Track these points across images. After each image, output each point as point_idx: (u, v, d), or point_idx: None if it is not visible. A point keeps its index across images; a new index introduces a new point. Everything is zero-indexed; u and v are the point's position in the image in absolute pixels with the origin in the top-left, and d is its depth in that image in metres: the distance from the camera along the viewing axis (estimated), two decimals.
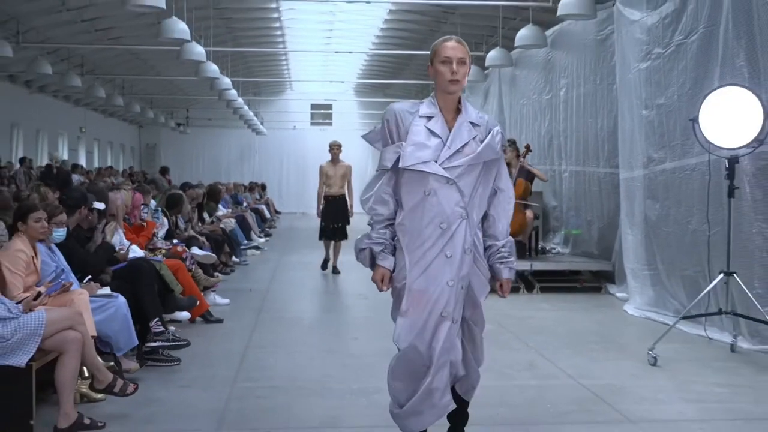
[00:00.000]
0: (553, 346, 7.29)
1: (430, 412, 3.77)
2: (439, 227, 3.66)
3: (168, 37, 13.52)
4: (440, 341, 3.69)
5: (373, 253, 3.83)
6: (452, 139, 3.69)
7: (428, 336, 3.70)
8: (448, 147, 3.68)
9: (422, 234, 3.69)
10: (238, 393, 5.76)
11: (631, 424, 5.07)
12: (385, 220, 3.83)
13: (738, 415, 5.29)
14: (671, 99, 8.56)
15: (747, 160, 7.03)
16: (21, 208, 5.71)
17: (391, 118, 3.79)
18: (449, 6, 17.32)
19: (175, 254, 8.73)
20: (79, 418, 4.82)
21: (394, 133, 3.76)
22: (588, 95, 11.54)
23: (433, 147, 3.67)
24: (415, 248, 3.72)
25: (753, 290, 6.82)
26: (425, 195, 3.67)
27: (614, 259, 10.40)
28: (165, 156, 35.18)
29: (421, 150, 3.66)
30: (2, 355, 4.71)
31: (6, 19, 17.02)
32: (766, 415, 5.30)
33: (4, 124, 22.38)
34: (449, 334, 3.70)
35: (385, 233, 3.82)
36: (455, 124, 3.73)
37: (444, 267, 3.67)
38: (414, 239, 3.72)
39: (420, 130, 3.70)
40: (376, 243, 3.82)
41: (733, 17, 7.46)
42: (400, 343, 3.76)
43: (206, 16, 18.63)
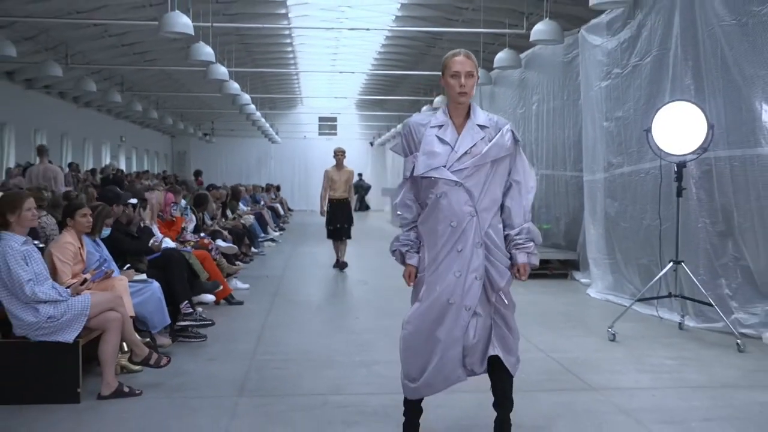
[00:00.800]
0: (527, 325, 7.25)
1: (442, 384, 3.71)
2: (450, 225, 3.57)
3: (196, 60, 13.51)
4: (446, 324, 3.61)
5: (402, 253, 3.76)
6: (459, 144, 3.58)
7: (434, 318, 3.62)
8: (455, 151, 3.57)
9: (437, 232, 3.61)
10: (257, 365, 5.76)
11: (594, 392, 5.07)
12: (410, 223, 3.75)
13: (685, 384, 5.30)
14: (628, 112, 8.55)
15: (693, 165, 7.02)
16: (69, 206, 5.71)
17: (406, 132, 3.71)
18: (437, 33, 17.31)
19: (202, 246, 8.74)
20: (120, 386, 4.83)
21: (411, 144, 3.67)
22: (556, 109, 11.53)
23: (442, 153, 3.57)
24: (432, 245, 3.64)
25: (698, 276, 6.82)
26: (437, 197, 3.58)
27: (579, 249, 10.40)
28: (193, 162, 35.17)
29: (431, 158, 3.58)
30: (53, 332, 4.72)
31: (56, 44, 17.02)
32: (709, 383, 5.31)
33: (55, 134, 22.36)
34: (458, 319, 3.61)
35: (410, 235, 3.74)
36: (464, 129, 3.62)
37: (454, 260, 3.59)
38: (431, 237, 3.65)
39: (431, 140, 3.61)
40: (403, 244, 3.75)
41: (681, 42, 7.46)
42: (408, 325, 3.68)
43: (229, 41, 18.64)
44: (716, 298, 6.69)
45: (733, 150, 6.79)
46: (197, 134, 34.75)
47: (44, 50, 16.63)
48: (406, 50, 21.41)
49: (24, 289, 4.62)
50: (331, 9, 17.71)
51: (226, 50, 18.47)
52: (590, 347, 6.37)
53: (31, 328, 4.69)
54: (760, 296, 6.62)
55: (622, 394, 4.98)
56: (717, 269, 7.01)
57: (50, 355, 4.71)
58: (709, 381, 5.35)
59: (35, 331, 4.70)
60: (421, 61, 21.68)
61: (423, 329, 3.65)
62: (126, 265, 6.27)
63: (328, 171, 11.58)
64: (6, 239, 4.72)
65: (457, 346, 3.65)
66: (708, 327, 6.93)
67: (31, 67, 17.58)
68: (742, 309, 6.73)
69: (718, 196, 7.02)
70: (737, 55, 6.61)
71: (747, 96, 6.54)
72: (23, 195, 4.98)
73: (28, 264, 4.72)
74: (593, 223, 9.50)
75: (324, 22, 18.15)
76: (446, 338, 3.63)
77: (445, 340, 3.63)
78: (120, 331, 4.92)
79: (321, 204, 11.67)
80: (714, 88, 6.97)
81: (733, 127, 6.76)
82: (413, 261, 3.73)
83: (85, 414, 4.51)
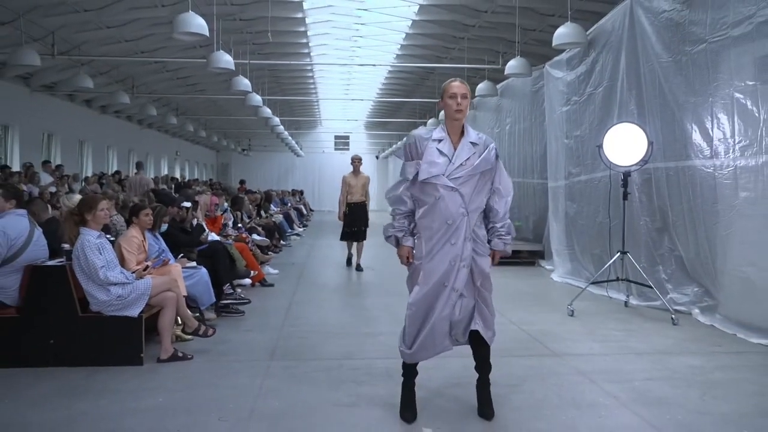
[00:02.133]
0: (502, 303, 7.23)
1: (432, 350, 3.69)
2: (446, 223, 3.57)
3: (236, 90, 13.56)
4: (441, 301, 3.61)
5: (397, 237, 3.74)
6: (456, 157, 3.57)
7: (432, 298, 3.62)
8: (452, 163, 3.56)
9: (434, 228, 3.60)
10: (285, 334, 5.75)
11: (557, 357, 5.05)
12: (406, 212, 3.72)
13: (630, 351, 5.27)
14: (584, 131, 8.53)
15: (636, 174, 7.00)
16: (135, 207, 5.71)
17: (412, 141, 3.67)
18: (430, 68, 17.29)
19: (241, 239, 8.73)
20: (175, 352, 4.84)
21: (414, 152, 3.63)
22: (526, 129, 11.51)
23: (441, 163, 3.56)
24: (428, 238, 3.62)
25: (640, 264, 6.80)
26: (436, 199, 3.57)
27: (544, 242, 10.38)
28: (234, 172, 35.24)
29: (432, 167, 3.55)
30: (121, 308, 4.71)
31: (125, 78, 17.09)
32: (649, 350, 5.28)
33: (124, 150, 22.42)
34: (449, 298, 3.61)
35: (404, 222, 3.72)
36: (459, 145, 3.61)
37: (449, 251, 3.58)
38: (428, 231, 3.62)
39: (432, 151, 3.58)
40: (398, 230, 3.72)
41: (627, 76, 7.44)
42: (412, 306, 3.66)
43: (262, 75, 18.67)
44: (655, 282, 6.67)
45: (668, 162, 6.76)
46: (237, 149, 34.77)
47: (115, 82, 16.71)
48: (404, 82, 21.42)
49: (98, 273, 4.62)
50: (345, 49, 17.76)
51: (260, 82, 18.51)
52: (553, 321, 6.35)
53: (104, 305, 4.69)
54: (690, 280, 6.60)
55: (579, 359, 4.97)
56: (655, 258, 6.98)
57: (119, 327, 4.70)
58: (650, 348, 5.33)
59: (107, 307, 4.69)
60: (417, 90, 21.68)
61: (422, 307, 3.64)
62: (180, 255, 6.27)
63: (346, 177, 10.09)
64: (84, 233, 4.72)
65: (445, 322, 3.64)
66: (648, 305, 6.90)
67: (105, 96, 17.67)
68: (675, 290, 6.70)
69: (656, 199, 6.99)
70: (672, 86, 6.59)
71: (680, 119, 6.52)
72: (98, 198, 4.98)
73: (102, 253, 4.72)
74: (556, 221, 9.47)
75: (339, 59, 18.19)
76: (438, 315, 3.61)
77: (437, 316, 3.62)
78: (175, 308, 4.92)
79: (339, 209, 10.14)
80: (653, 112, 6.95)
81: (669, 143, 6.74)
82: (409, 243, 3.71)
83: (148, 374, 4.50)
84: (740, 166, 5.75)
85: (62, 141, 17.65)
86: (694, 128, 6.30)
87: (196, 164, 32.43)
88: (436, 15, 13.60)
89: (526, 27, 12.42)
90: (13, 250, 4.64)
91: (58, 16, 11.87)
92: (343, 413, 3.80)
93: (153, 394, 4.10)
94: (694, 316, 6.36)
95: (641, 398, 4.07)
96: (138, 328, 4.72)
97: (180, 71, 17.82)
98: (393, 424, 3.67)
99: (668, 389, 4.25)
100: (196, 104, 23.35)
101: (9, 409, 3.84)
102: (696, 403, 3.99)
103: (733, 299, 5.88)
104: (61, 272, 4.69)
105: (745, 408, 3.93)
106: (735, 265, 5.81)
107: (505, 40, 13.41)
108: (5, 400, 3.97)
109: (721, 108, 5.96)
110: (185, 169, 30.34)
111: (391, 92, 23.01)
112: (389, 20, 14.81)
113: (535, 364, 4.82)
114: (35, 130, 16.41)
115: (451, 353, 3.84)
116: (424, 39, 15.45)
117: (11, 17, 11.36)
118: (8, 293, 4.67)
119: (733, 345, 5.41)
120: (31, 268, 4.68)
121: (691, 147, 6.34)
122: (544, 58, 10.63)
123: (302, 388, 4.22)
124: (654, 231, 7.04)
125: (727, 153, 5.92)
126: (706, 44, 6.07)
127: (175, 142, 28.03)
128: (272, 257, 10.33)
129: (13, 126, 15.37)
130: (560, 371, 4.65)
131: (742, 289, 5.72)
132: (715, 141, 6.06)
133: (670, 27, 6.62)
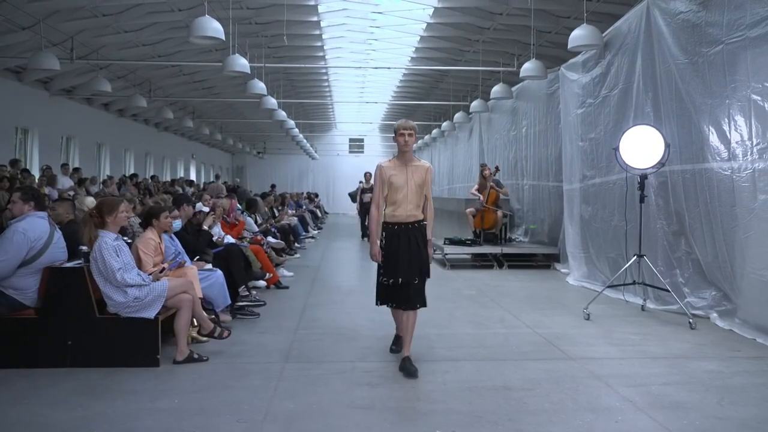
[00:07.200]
0: (517, 306, 7.25)
1: None
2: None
3: (252, 93, 13.62)
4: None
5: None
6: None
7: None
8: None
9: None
10: (299, 337, 5.76)
11: (572, 361, 5.01)
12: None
13: (646, 355, 5.22)
14: (599, 134, 8.48)
15: (653, 177, 6.94)
16: (153, 209, 5.75)
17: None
18: (444, 70, 17.31)
19: (256, 241, 8.76)
20: (191, 353, 4.86)
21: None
22: (541, 132, 11.45)
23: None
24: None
25: (657, 267, 6.74)
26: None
27: (559, 245, 10.31)
28: (249, 175, 35.40)
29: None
30: (138, 310, 4.75)
31: (142, 81, 17.26)
32: (666, 354, 5.23)
33: (141, 153, 22.64)
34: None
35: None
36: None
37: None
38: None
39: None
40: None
41: (643, 78, 7.38)
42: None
43: (277, 78, 18.75)
44: (672, 285, 6.60)
45: (685, 165, 6.70)
46: (252, 152, 34.96)
47: (132, 86, 16.88)
48: (419, 84, 21.42)
49: (115, 275, 4.67)
50: (359, 52, 17.79)
51: (276, 85, 18.59)
52: (569, 324, 6.31)
53: (121, 306, 4.73)
54: (708, 284, 6.52)
55: (595, 363, 4.93)
56: (672, 261, 6.92)
57: (136, 328, 4.74)
58: (666, 352, 5.28)
59: (124, 309, 4.73)
60: (432, 93, 21.67)
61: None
62: (196, 257, 6.31)
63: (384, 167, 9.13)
64: (102, 236, 4.77)
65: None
66: (665, 309, 6.84)
67: (122, 99, 17.86)
68: (693, 294, 6.63)
69: (673, 202, 6.93)
70: (688, 88, 6.53)
71: (696, 121, 6.46)
72: (119, 200, 5.02)
73: (119, 256, 4.76)
74: (571, 224, 9.42)
75: (354, 62, 18.22)
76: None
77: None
78: (191, 310, 4.95)
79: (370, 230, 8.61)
80: (669, 115, 6.89)
81: (685, 146, 6.68)
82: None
83: (163, 375, 4.54)
84: (759, 169, 5.67)
85: (80, 144, 17.88)
86: (711, 130, 6.24)
87: (212, 167, 32.64)
88: (451, 18, 13.59)
89: (541, 29, 12.38)
90: (33, 252, 4.69)
91: (76, 21, 12.04)
92: (357, 415, 3.80)
93: (168, 395, 4.13)
94: (712, 321, 6.28)
95: (658, 403, 4.03)
96: (154, 329, 4.75)
97: (196, 75, 17.98)
98: (408, 426, 3.67)
99: (685, 394, 4.20)
100: (211, 107, 23.51)
101: (28, 408, 3.89)
102: (714, 408, 3.94)
103: (753, 303, 5.80)
104: (79, 274, 4.74)
105: (765, 413, 3.87)
106: (754, 269, 5.74)
107: (520, 43, 13.37)
108: (24, 401, 4.02)
109: (738, 110, 5.90)
110: (201, 171, 30.56)
111: (406, 95, 23.01)
112: (404, 23, 14.83)
113: (550, 368, 4.78)
114: (54, 133, 16.64)
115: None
116: (439, 42, 15.45)
117: (31, 22, 11.54)
118: (27, 294, 4.72)
119: (752, 350, 5.33)
120: (50, 270, 4.73)
121: (708, 149, 6.28)
122: (560, 61, 10.57)
123: (317, 390, 4.23)
124: (671, 234, 6.97)
125: (744, 155, 5.85)
126: (723, 45, 6.01)
127: (191, 145, 28.25)
128: (287, 259, 10.36)
129: (32, 129, 15.60)
130: (576, 375, 4.62)
131: (762, 293, 5.64)
132: (732, 143, 5.99)
133: (686, 28, 6.56)
